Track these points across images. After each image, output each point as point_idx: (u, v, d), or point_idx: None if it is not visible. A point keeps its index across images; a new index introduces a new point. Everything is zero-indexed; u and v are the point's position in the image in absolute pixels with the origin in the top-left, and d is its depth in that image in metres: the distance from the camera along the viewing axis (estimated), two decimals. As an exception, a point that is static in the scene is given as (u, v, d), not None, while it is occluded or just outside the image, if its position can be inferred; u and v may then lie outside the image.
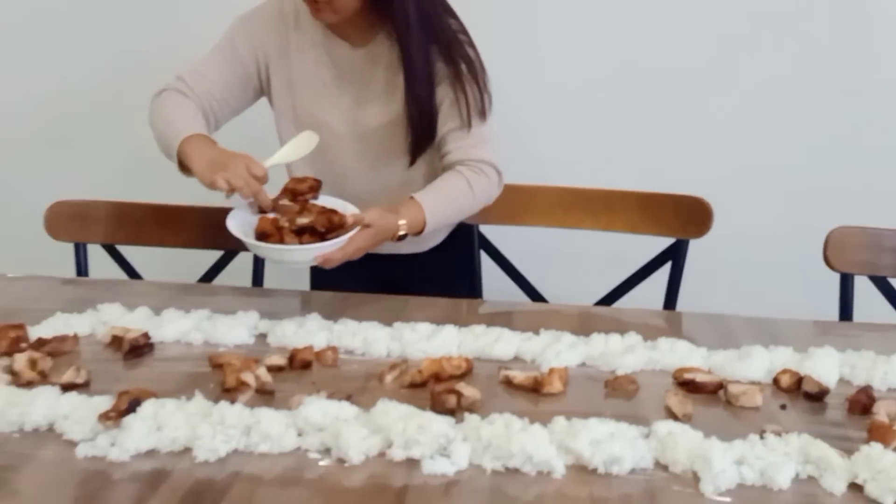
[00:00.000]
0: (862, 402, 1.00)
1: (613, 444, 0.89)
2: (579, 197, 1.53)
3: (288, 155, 1.34)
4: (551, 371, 1.08)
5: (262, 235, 1.21)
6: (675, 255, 1.49)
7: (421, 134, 1.39)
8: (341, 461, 0.90)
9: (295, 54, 1.42)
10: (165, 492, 0.84)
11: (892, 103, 2.06)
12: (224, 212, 1.51)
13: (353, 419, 0.94)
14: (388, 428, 0.91)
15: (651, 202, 1.49)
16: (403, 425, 0.91)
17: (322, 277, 1.55)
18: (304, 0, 1.32)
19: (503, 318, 1.27)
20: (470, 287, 1.60)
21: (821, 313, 1.40)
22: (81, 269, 1.64)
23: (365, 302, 1.35)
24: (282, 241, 1.19)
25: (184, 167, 1.29)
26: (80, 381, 1.05)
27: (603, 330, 1.21)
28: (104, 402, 0.97)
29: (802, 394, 1.06)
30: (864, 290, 1.48)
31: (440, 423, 0.92)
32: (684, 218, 1.44)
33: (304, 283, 1.64)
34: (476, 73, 1.37)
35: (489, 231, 1.59)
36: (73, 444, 0.92)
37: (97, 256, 1.66)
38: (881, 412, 0.98)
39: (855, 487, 0.86)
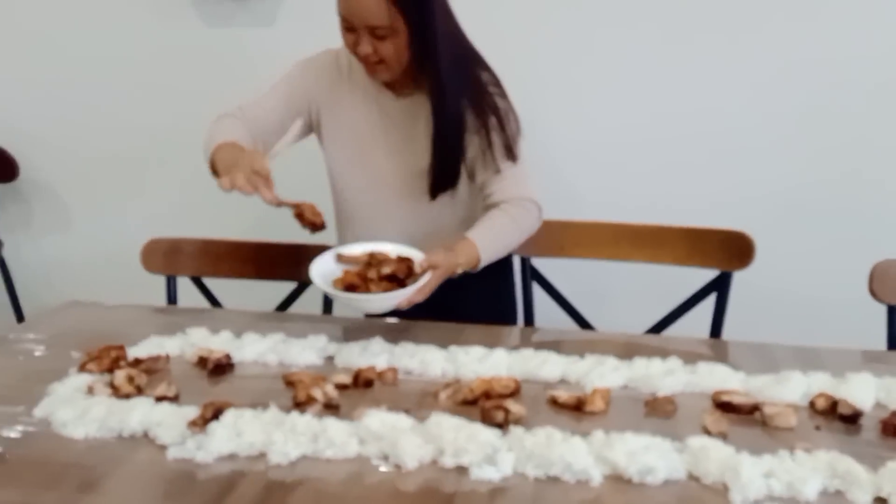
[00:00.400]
0: (895, 425, 1.04)
1: (648, 456, 0.96)
2: (628, 232, 1.61)
3: (286, 143, 1.45)
4: (594, 391, 1.15)
5: (349, 288, 1.32)
6: (719, 287, 1.55)
7: (443, 174, 1.51)
8: (398, 467, 0.99)
9: (346, 103, 1.57)
10: (242, 490, 0.96)
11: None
12: (294, 248, 1.67)
13: (409, 430, 1.04)
14: (441, 437, 1.01)
15: (696, 236, 1.55)
16: (454, 435, 1.00)
17: None
18: (360, 60, 1.45)
19: (552, 345, 1.35)
20: (511, 306, 1.68)
21: (869, 346, 1.42)
22: (171, 298, 1.80)
23: (424, 328, 1.45)
24: (367, 291, 1.31)
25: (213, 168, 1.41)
26: (170, 394, 1.19)
27: (647, 355, 1.29)
28: (191, 412, 1.10)
29: (837, 416, 1.10)
30: None
31: (488, 434, 1.01)
32: (728, 251, 1.50)
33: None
34: (503, 121, 1.48)
35: (541, 263, 1.68)
36: (163, 447, 1.04)
37: (185, 287, 1.83)
38: (913, 434, 1.02)
39: (880, 501, 0.90)
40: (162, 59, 2.51)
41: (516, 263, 1.68)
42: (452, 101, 1.45)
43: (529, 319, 1.68)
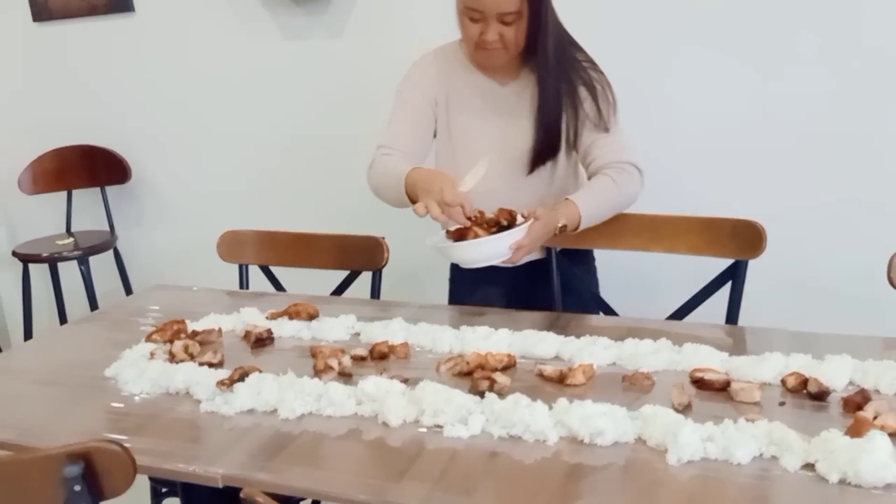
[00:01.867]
0: (856, 402, 1.09)
1: (600, 420, 1.06)
2: (647, 222, 1.67)
3: (474, 178, 1.54)
4: (578, 366, 1.25)
5: (459, 238, 1.46)
6: (734, 275, 1.59)
7: (543, 149, 1.65)
8: (385, 424, 1.14)
9: (453, 94, 1.71)
10: (255, 437, 1.14)
11: None
12: (347, 239, 1.85)
13: (399, 394, 1.19)
14: (423, 400, 1.15)
15: (710, 226, 1.60)
16: (434, 399, 1.14)
17: (460, 292, 1.86)
18: (477, 49, 1.59)
19: (570, 329, 1.46)
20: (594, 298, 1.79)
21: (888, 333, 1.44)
22: (243, 283, 2.03)
23: (445, 310, 1.59)
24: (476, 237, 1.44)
25: (413, 201, 1.52)
26: (215, 360, 1.39)
27: (653, 338, 1.37)
28: (226, 375, 1.29)
29: (807, 394, 1.15)
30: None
31: (464, 399, 1.14)
32: (740, 240, 1.54)
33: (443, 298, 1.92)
34: (601, 93, 1.62)
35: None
36: (198, 402, 1.24)
37: (258, 274, 2.05)
38: (870, 410, 1.06)
39: (809, 467, 0.96)
40: (247, 70, 2.78)
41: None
42: (556, 77, 1.59)
43: (558, 307, 1.77)
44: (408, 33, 2.55)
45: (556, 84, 1.60)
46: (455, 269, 1.90)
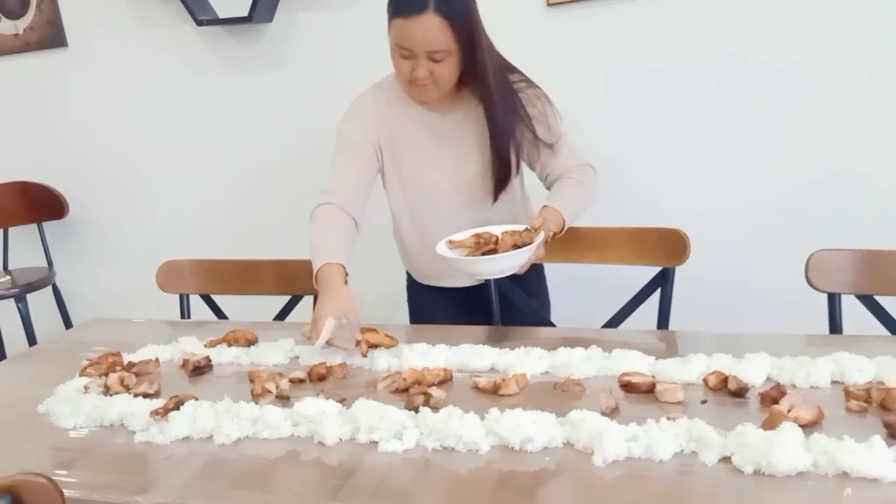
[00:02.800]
0: (772, 396, 1.13)
1: (530, 427, 1.09)
2: (576, 235, 1.72)
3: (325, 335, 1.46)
4: (512, 377, 1.28)
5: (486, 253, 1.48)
6: (663, 282, 1.65)
7: (502, 177, 1.67)
8: (322, 444, 1.15)
9: (396, 130, 1.70)
10: (190, 464, 1.14)
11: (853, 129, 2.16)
12: (286, 264, 1.85)
13: (334, 413, 1.20)
14: (358, 418, 1.16)
15: (638, 235, 1.66)
16: (369, 416, 1.16)
17: (419, 311, 1.92)
18: (409, 85, 1.60)
19: (506, 341, 1.49)
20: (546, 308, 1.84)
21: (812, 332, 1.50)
22: (183, 313, 2.02)
23: (395, 328, 1.61)
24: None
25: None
26: (151, 391, 1.38)
27: (584, 346, 1.41)
28: (161, 404, 1.29)
29: (727, 391, 1.20)
30: (852, 308, 1.57)
31: (398, 414, 1.16)
32: (667, 248, 1.60)
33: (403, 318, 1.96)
34: (542, 109, 1.65)
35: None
36: (133, 433, 1.24)
37: (202, 304, 2.04)
38: (785, 404, 1.11)
39: (726, 460, 1.00)
40: (187, 104, 2.79)
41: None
42: (502, 106, 1.61)
43: (496, 320, 1.81)
44: (348, 59, 2.59)
45: (502, 113, 1.62)
46: (413, 292, 1.94)
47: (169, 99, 2.81)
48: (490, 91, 1.60)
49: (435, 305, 1.88)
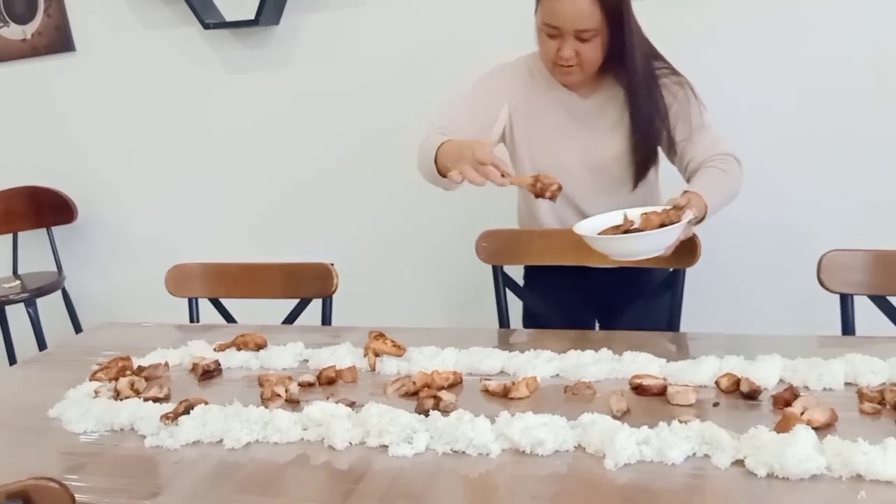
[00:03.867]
0: (784, 398, 1.13)
1: (540, 431, 1.08)
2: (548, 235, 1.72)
3: (497, 130, 1.58)
4: (522, 380, 1.28)
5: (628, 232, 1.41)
6: (673, 284, 1.64)
7: (642, 163, 1.65)
8: (332, 448, 1.15)
9: (534, 107, 1.69)
10: (200, 468, 1.14)
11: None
12: (296, 268, 1.85)
13: (343, 416, 1.20)
14: (368, 422, 1.16)
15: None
16: (379, 420, 1.15)
17: (538, 298, 1.83)
18: (554, 66, 1.59)
19: (516, 344, 1.48)
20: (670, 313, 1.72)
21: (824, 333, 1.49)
22: (192, 317, 2.02)
23: (396, 332, 1.61)
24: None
25: (439, 169, 1.52)
26: (161, 395, 1.38)
27: (595, 348, 1.40)
28: (171, 409, 1.29)
29: (740, 394, 1.19)
30: (864, 308, 1.56)
31: (408, 418, 1.16)
32: (678, 250, 1.58)
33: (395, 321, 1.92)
34: (683, 99, 1.61)
35: (512, 271, 1.81)
36: (143, 437, 1.24)
37: (211, 307, 2.04)
38: (798, 406, 1.10)
39: (739, 463, 1.00)
40: (194, 107, 2.80)
41: (489, 273, 1.82)
42: (646, 92, 1.59)
43: (505, 323, 1.81)
44: (356, 60, 2.59)
45: (646, 99, 1.60)
46: (536, 277, 1.85)
47: (176, 102, 2.82)
48: (636, 76, 1.58)
49: (559, 292, 1.80)
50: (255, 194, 2.83)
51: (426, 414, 1.19)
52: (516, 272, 1.84)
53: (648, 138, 1.63)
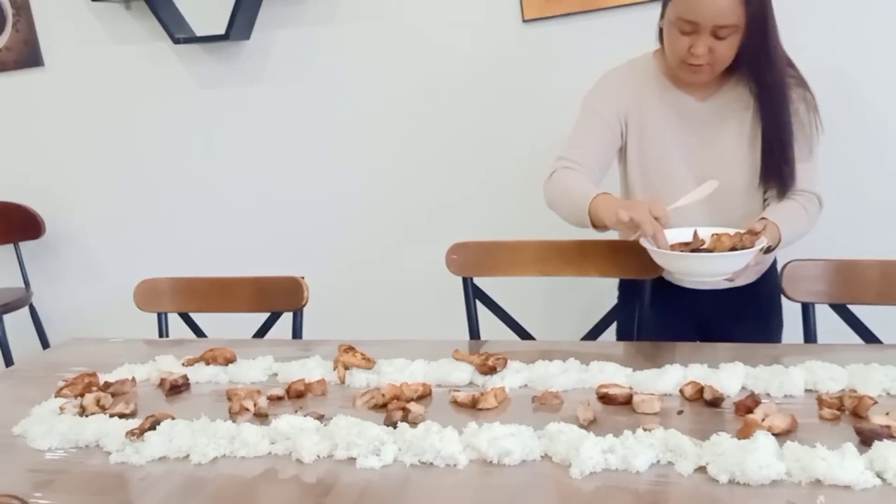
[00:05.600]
0: (746, 405, 1.15)
1: (507, 441, 1.09)
2: (555, 248, 1.74)
3: (690, 199, 1.46)
4: (490, 390, 1.29)
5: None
6: (638, 294, 1.66)
7: (778, 172, 1.53)
8: (300, 461, 1.15)
9: (646, 111, 1.61)
10: (166, 485, 1.13)
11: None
12: (267, 282, 1.85)
13: (311, 430, 1.20)
14: (336, 435, 1.16)
15: (616, 248, 1.67)
16: (347, 432, 1.16)
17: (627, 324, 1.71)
18: (682, 64, 1.49)
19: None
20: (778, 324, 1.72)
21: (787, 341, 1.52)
22: (162, 332, 2.01)
23: (366, 345, 1.61)
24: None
25: (595, 225, 1.46)
26: (127, 411, 1.37)
27: (562, 358, 1.41)
28: (137, 424, 1.28)
29: (703, 402, 1.21)
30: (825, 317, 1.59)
31: (376, 430, 1.16)
32: (643, 260, 1.61)
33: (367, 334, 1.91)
34: (810, 116, 1.55)
35: (483, 283, 1.83)
36: (109, 453, 1.22)
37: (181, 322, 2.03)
38: (759, 413, 1.12)
39: (701, 469, 1.01)
40: (164, 121, 2.79)
41: (459, 284, 1.83)
42: (783, 98, 1.50)
43: (475, 335, 1.82)
44: (327, 74, 2.60)
45: (783, 104, 1.51)
46: (630, 300, 1.72)
47: (146, 116, 2.81)
48: (774, 78, 1.49)
49: (667, 306, 1.69)
50: (226, 208, 2.82)
51: (394, 426, 1.20)
52: (486, 283, 1.85)
53: (785, 144, 1.51)
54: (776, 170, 1.53)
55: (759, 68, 1.50)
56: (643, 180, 1.64)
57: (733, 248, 1.35)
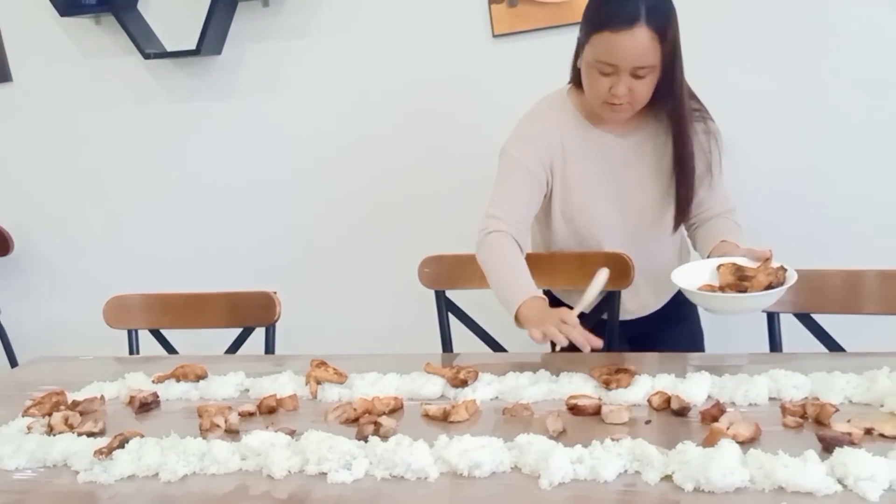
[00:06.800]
0: (712, 414, 1.17)
1: (477, 453, 1.10)
2: (527, 260, 1.75)
3: (590, 296, 1.50)
4: (462, 403, 1.30)
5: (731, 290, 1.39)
6: (609, 305, 1.68)
7: (684, 205, 1.61)
8: (271, 477, 1.15)
9: (569, 154, 1.61)
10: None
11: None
12: (239, 297, 1.84)
13: (282, 445, 1.19)
14: (307, 450, 1.16)
15: (586, 259, 1.69)
16: (318, 447, 1.16)
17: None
18: (603, 104, 1.51)
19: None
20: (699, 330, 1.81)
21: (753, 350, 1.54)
22: (132, 349, 1.99)
23: (339, 360, 1.61)
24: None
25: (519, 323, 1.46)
26: (96, 430, 1.36)
27: (534, 370, 1.42)
28: (105, 443, 1.27)
29: (671, 411, 1.23)
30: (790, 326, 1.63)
31: (347, 444, 1.16)
32: (613, 272, 1.63)
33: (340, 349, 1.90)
34: (716, 142, 1.61)
35: (455, 295, 1.84)
36: (77, 473, 1.21)
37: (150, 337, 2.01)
38: (724, 421, 1.14)
39: (668, 478, 1.03)
40: (134, 136, 2.77)
41: (432, 297, 1.84)
42: (689, 130, 1.55)
43: (448, 348, 1.83)
44: (298, 88, 2.60)
45: (690, 136, 1.56)
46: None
47: (116, 131, 2.79)
48: (684, 111, 1.54)
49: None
50: (197, 223, 2.81)
51: (366, 440, 1.20)
52: (459, 296, 1.86)
53: (691, 177, 1.58)
54: (684, 199, 1.59)
55: (667, 101, 1.54)
56: (567, 227, 1.67)
57: (770, 285, 1.37)
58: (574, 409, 1.26)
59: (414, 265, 1.84)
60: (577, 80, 1.61)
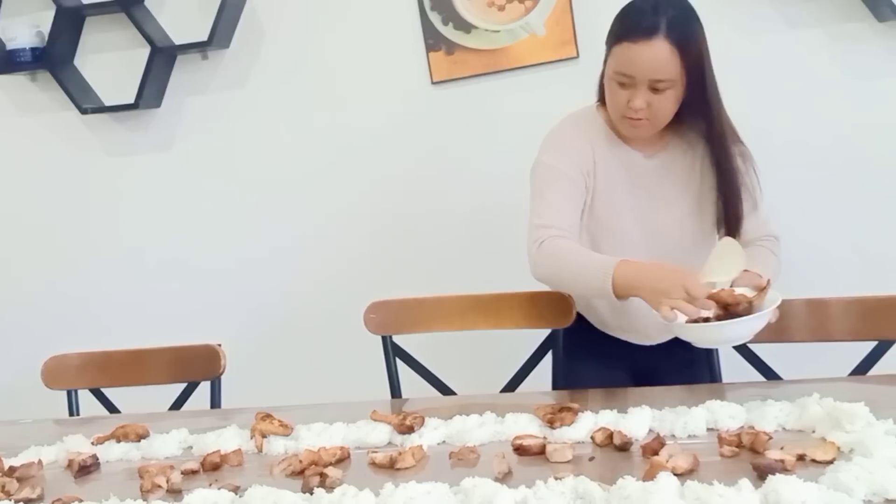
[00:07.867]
0: (653, 447, 1.19)
1: (423, 500, 1.10)
2: (472, 302, 1.78)
3: (718, 271, 1.40)
4: (408, 449, 1.30)
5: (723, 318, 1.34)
6: (553, 343, 1.71)
7: (735, 226, 1.56)
8: (214, 537, 1.13)
9: (599, 166, 1.58)
10: (74, 572, 1.09)
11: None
12: (183, 351, 1.82)
13: (225, 503, 1.18)
14: (251, 506, 1.15)
15: (533, 299, 1.72)
16: (262, 502, 1.14)
17: (578, 361, 1.72)
18: (623, 118, 1.50)
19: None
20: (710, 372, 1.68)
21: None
22: (73, 410, 1.93)
23: (285, 411, 1.59)
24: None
25: (618, 294, 1.40)
26: (34, 496, 1.32)
27: (483, 412, 1.43)
28: (43, 509, 1.23)
29: (613, 446, 1.25)
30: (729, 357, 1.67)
31: (292, 498, 1.16)
32: (556, 310, 1.66)
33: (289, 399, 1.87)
34: (750, 167, 1.58)
35: (401, 340, 1.85)
36: (12, 543, 1.18)
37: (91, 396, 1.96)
38: (664, 454, 1.16)
39: (611, 514, 1.04)
40: (72, 190, 2.74)
41: (378, 343, 1.84)
42: (729, 148, 1.52)
43: (397, 393, 1.82)
44: (240, 139, 2.61)
45: (731, 154, 1.53)
46: (570, 350, 1.73)
47: (53, 187, 2.75)
48: (722, 131, 1.51)
49: (605, 359, 1.70)
50: (136, 278, 2.77)
51: (311, 492, 1.19)
52: (407, 340, 1.86)
53: (739, 196, 1.54)
54: (734, 218, 1.57)
55: (701, 123, 1.53)
56: (588, 241, 1.62)
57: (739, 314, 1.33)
58: (519, 450, 1.27)
59: (360, 311, 1.85)
60: (603, 97, 1.60)
